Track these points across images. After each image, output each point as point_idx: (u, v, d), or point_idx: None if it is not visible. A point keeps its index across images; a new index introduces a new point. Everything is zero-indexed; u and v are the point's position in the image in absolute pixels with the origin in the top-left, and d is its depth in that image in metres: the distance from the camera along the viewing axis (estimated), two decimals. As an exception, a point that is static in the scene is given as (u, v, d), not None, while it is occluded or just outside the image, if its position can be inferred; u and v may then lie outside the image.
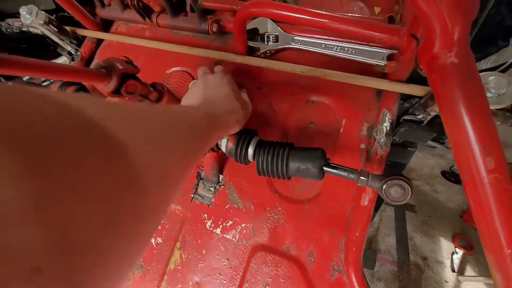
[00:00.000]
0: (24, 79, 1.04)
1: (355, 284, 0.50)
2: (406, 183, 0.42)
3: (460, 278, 1.59)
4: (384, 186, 0.43)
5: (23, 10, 0.82)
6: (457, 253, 1.68)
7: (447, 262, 1.68)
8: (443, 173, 2.20)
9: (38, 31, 0.91)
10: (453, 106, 0.25)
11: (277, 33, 0.66)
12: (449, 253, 1.72)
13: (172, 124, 0.26)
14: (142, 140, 0.19)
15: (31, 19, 0.82)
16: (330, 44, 0.62)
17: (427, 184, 2.12)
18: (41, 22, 0.82)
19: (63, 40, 0.91)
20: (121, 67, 0.45)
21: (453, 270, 1.64)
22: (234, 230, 0.61)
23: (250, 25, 0.67)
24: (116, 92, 0.47)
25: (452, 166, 2.24)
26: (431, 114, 0.50)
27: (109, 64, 0.45)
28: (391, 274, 1.65)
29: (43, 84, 0.88)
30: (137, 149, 0.18)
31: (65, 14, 0.94)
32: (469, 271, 1.64)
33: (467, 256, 1.68)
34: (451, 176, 2.16)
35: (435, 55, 0.27)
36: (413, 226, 1.85)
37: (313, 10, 0.47)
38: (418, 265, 1.68)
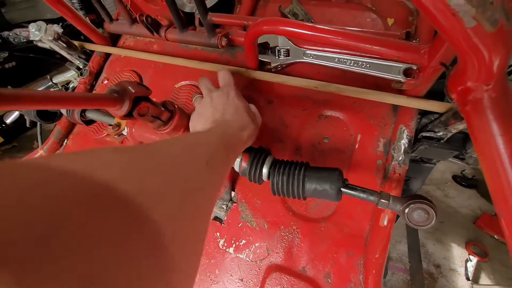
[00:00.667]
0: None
1: (376, 308, 0.48)
2: (430, 207, 0.40)
3: (475, 286, 1.55)
4: (407, 210, 0.41)
5: (32, 27, 0.82)
6: (471, 261, 1.64)
7: (461, 270, 1.64)
8: (455, 177, 2.15)
9: (46, 46, 0.92)
10: (491, 142, 0.24)
11: (288, 47, 0.65)
12: (463, 260, 1.67)
13: (195, 166, 0.25)
14: (171, 209, 0.18)
15: (40, 36, 0.82)
16: (344, 58, 0.61)
17: (438, 189, 2.08)
18: (50, 38, 0.83)
19: (71, 55, 0.92)
20: (133, 91, 0.45)
21: (468, 278, 1.59)
22: (247, 250, 0.60)
23: (260, 39, 0.66)
24: (128, 115, 0.46)
25: (464, 170, 2.19)
26: (452, 131, 0.48)
27: (121, 88, 0.44)
28: (403, 283, 1.61)
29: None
30: (168, 226, 0.17)
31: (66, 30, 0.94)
32: (484, 279, 1.60)
33: (482, 264, 1.63)
34: (463, 180, 2.11)
35: (469, 88, 0.25)
36: (425, 233, 1.81)
37: (327, 28, 0.46)
38: (431, 273, 1.64)
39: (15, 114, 3.17)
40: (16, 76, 2.60)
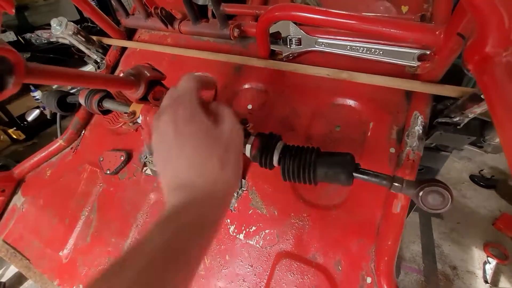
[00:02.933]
0: (54, 86, 1.09)
1: (388, 296, 0.48)
2: (445, 189, 0.40)
3: (494, 290, 1.49)
4: (421, 193, 0.40)
5: (53, 22, 0.86)
6: (489, 263, 1.57)
7: (479, 273, 1.57)
8: (472, 177, 2.08)
9: (66, 41, 0.95)
10: (511, 110, 0.23)
11: (300, 36, 0.65)
12: (480, 262, 1.61)
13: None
14: None
15: (61, 30, 0.86)
16: (356, 46, 0.60)
17: (455, 189, 2.01)
18: (70, 33, 0.86)
19: (89, 49, 0.95)
20: (148, 74, 0.46)
21: (486, 281, 1.53)
22: (257, 236, 0.60)
23: (272, 29, 0.67)
24: (144, 98, 0.48)
25: (482, 170, 2.11)
26: (469, 116, 0.47)
27: (137, 72, 0.46)
28: (417, 284, 1.57)
29: (71, 91, 0.92)
30: None
31: (89, 24, 0.98)
32: (504, 282, 1.53)
33: (501, 266, 1.57)
34: (481, 180, 2.04)
35: (487, 55, 0.25)
36: (441, 233, 1.75)
37: (342, 12, 0.46)
38: (447, 274, 1.58)
39: (36, 112, 3.29)
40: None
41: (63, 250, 0.75)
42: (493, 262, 1.57)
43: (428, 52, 0.52)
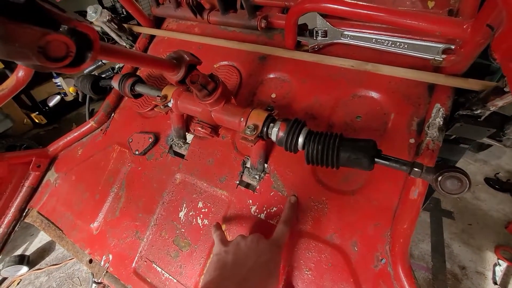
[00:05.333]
0: (85, 71, 1.15)
1: (402, 275, 0.51)
2: (464, 175, 0.42)
3: (503, 291, 1.49)
4: (440, 178, 0.43)
5: (90, 9, 0.91)
6: (500, 265, 1.57)
7: (489, 274, 1.58)
8: (487, 180, 2.06)
9: (98, 29, 1.01)
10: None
11: (326, 28, 0.68)
12: (490, 264, 1.61)
13: None
14: None
15: (96, 17, 0.91)
16: (381, 39, 0.62)
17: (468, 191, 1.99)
18: (104, 20, 0.91)
19: (120, 37, 1.00)
20: (188, 59, 0.50)
21: (495, 283, 1.53)
22: (278, 217, 0.64)
23: (299, 21, 0.69)
24: (182, 81, 0.52)
25: (498, 173, 2.09)
26: (491, 109, 0.48)
27: (179, 55, 0.50)
28: (424, 282, 1.58)
29: (104, 76, 0.97)
30: None
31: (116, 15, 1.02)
32: (513, 285, 1.53)
33: (512, 269, 1.56)
34: (496, 183, 2.01)
35: (515, 43, 0.27)
36: (451, 233, 1.75)
37: (371, 5, 0.48)
38: (455, 274, 1.59)
39: (57, 98, 3.41)
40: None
41: (94, 223, 0.81)
42: (503, 264, 1.57)
43: (452, 47, 0.54)
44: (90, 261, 0.78)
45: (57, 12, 0.26)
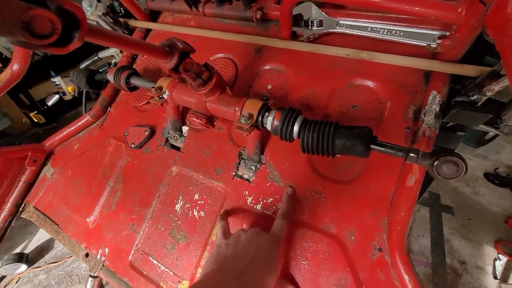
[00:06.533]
0: (81, 66, 1.15)
1: (399, 263, 0.50)
2: (460, 159, 0.41)
3: (504, 286, 1.48)
4: (436, 163, 0.42)
5: (84, 3, 0.90)
6: (500, 260, 1.57)
7: (489, 269, 1.57)
8: (487, 175, 2.05)
9: (93, 23, 1.00)
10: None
11: (321, 18, 0.67)
12: (490, 259, 1.61)
13: None
14: None
15: (91, 11, 0.90)
16: (377, 27, 0.62)
17: (468, 186, 1.99)
18: (99, 13, 0.91)
19: (116, 31, 1.00)
20: (181, 46, 0.50)
21: (495, 277, 1.53)
22: (274, 207, 0.63)
23: (294, 11, 0.69)
24: (175, 69, 0.51)
25: (497, 168, 2.08)
26: (487, 94, 0.48)
27: (171, 43, 0.49)
28: (424, 277, 1.58)
29: (100, 70, 0.97)
30: None
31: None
32: (513, 279, 1.53)
33: (512, 264, 1.56)
34: (496, 178, 2.01)
35: (507, 16, 0.26)
36: (451, 228, 1.75)
37: (366, -11, 0.48)
38: (455, 269, 1.59)
39: (56, 97, 3.40)
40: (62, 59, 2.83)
41: (90, 217, 0.81)
42: (503, 259, 1.57)
43: (447, 34, 0.53)
44: (87, 255, 0.78)
45: (42, -13, 0.25)
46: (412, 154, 0.45)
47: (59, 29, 0.27)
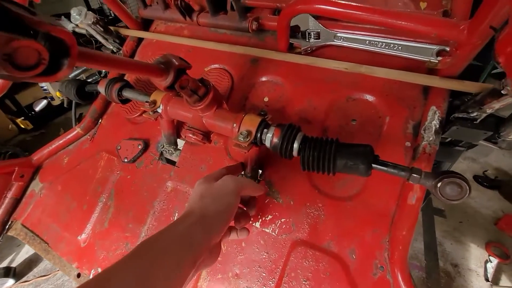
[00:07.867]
0: (71, 75, 1.11)
1: (401, 283, 0.50)
2: (463, 180, 0.41)
3: (495, 288, 1.51)
4: (439, 184, 0.42)
5: (73, 11, 0.87)
6: (491, 262, 1.60)
7: (480, 271, 1.60)
8: (476, 177, 2.09)
9: (83, 31, 0.97)
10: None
11: (319, 30, 0.66)
12: (482, 261, 1.63)
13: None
14: None
15: (80, 20, 0.87)
16: (375, 41, 0.61)
17: (458, 188, 2.02)
18: (89, 22, 0.88)
19: (106, 40, 0.96)
20: (177, 63, 0.48)
21: (487, 280, 1.55)
22: (273, 225, 0.62)
23: (291, 22, 0.68)
24: (171, 87, 0.49)
25: (486, 171, 2.12)
26: (487, 111, 0.48)
27: (167, 60, 0.47)
28: (418, 281, 1.59)
29: (88, 80, 0.93)
30: None
31: (97, 16, 0.98)
32: (504, 281, 1.55)
33: (503, 266, 1.59)
34: (485, 181, 2.05)
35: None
36: (443, 232, 1.77)
37: (367, 6, 0.47)
38: (448, 272, 1.61)
39: (43, 102, 3.31)
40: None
41: (81, 235, 0.77)
42: (494, 261, 1.59)
43: (447, 48, 0.53)
44: (78, 275, 0.74)
45: (26, 15, 0.23)
46: (415, 175, 0.44)
47: (46, 59, 0.25)
